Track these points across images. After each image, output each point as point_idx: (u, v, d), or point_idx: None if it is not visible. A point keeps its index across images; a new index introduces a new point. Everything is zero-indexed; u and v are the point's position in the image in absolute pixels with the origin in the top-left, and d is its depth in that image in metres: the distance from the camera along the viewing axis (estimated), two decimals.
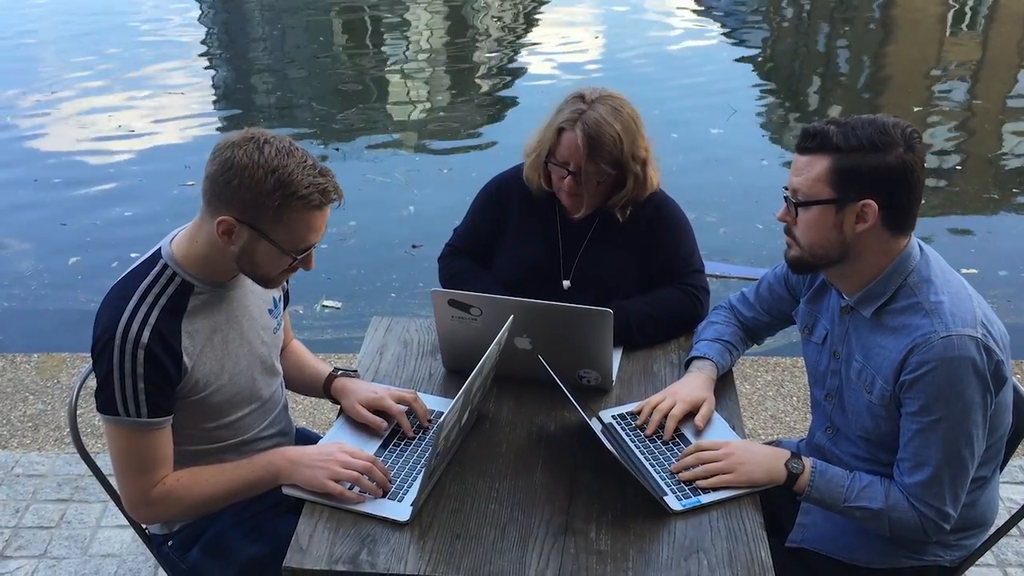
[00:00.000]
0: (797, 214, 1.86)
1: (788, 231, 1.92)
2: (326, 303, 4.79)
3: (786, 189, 1.90)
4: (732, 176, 6.14)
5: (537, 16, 11.01)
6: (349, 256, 5.24)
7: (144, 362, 1.79)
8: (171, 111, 7.69)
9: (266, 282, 1.93)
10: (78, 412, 2.14)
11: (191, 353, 1.87)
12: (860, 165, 1.77)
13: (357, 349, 2.38)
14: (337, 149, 6.83)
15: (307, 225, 1.82)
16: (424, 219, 5.65)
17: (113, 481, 1.99)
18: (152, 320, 1.81)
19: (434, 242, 5.22)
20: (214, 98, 8.26)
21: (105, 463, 2.00)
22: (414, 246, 5.30)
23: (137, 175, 6.45)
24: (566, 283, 2.51)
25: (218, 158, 1.78)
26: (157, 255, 1.91)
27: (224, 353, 1.95)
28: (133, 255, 1.96)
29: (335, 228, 5.47)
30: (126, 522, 2.18)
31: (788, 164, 6.35)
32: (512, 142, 6.87)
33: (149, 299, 1.83)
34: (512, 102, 8.03)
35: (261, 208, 1.77)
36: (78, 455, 2.14)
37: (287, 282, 2.18)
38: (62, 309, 4.82)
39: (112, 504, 2.17)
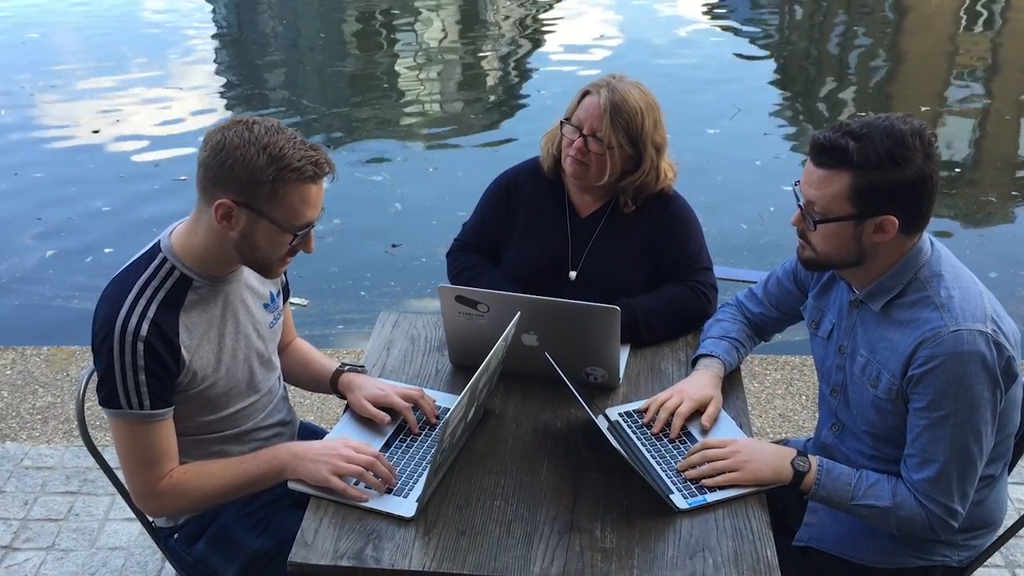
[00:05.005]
0: (815, 228, 1.84)
1: (802, 235, 1.91)
2: (292, 300, 4.77)
3: (796, 184, 1.88)
4: (721, 176, 6.14)
5: (545, 16, 10.96)
6: (326, 253, 5.22)
7: (144, 355, 1.79)
8: (176, 105, 7.72)
9: (267, 268, 1.93)
10: (86, 405, 2.13)
11: (188, 347, 1.87)
12: (880, 183, 1.74)
13: (318, 347, 2.39)
14: (328, 146, 6.83)
15: (302, 199, 1.82)
16: (409, 218, 5.66)
17: (120, 475, 1.99)
18: (151, 314, 1.81)
19: (416, 242, 5.26)
20: (213, 93, 8.25)
21: (113, 456, 2.00)
22: (394, 245, 5.29)
23: (141, 167, 6.47)
24: (573, 274, 2.50)
25: (209, 144, 1.79)
26: (156, 248, 1.91)
27: (220, 347, 1.95)
28: (107, 251, 1.98)
29: (319, 225, 5.43)
30: (134, 515, 2.18)
31: (782, 162, 6.39)
32: (506, 142, 6.89)
33: (148, 292, 1.83)
34: (511, 102, 8.02)
35: (256, 185, 1.77)
36: (86, 448, 2.15)
37: (285, 274, 2.18)
38: (26, 304, 4.86)
39: (120, 497, 2.18)
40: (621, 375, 2.24)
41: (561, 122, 2.42)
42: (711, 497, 1.88)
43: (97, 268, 5.05)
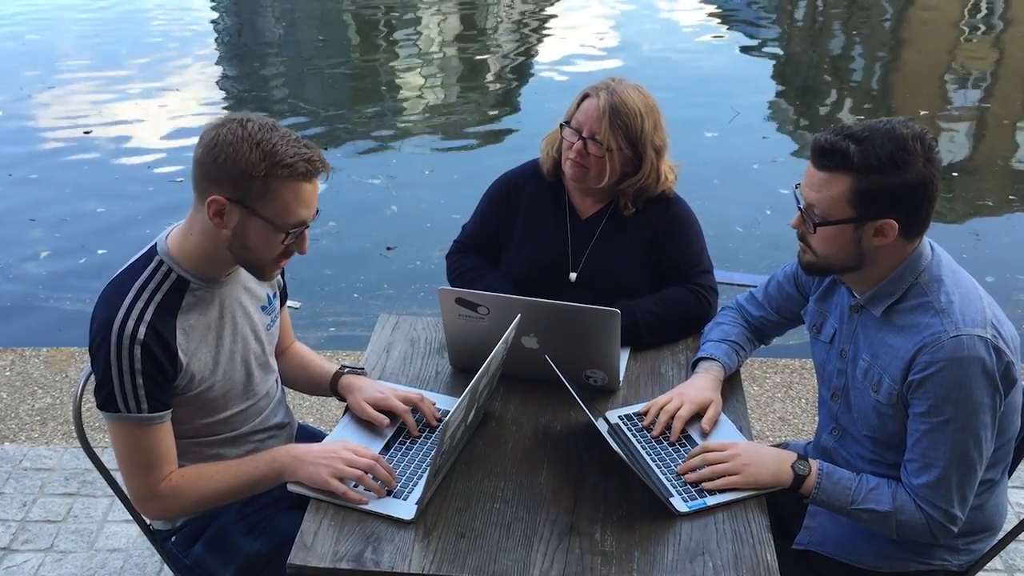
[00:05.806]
0: (815, 230, 1.84)
1: (802, 238, 1.91)
2: (287, 303, 4.78)
3: (797, 187, 1.88)
4: (719, 179, 6.13)
5: (545, 19, 10.95)
6: (321, 256, 5.20)
7: (141, 358, 1.79)
8: (172, 107, 7.70)
9: (260, 269, 1.91)
10: (85, 407, 2.13)
11: (186, 349, 1.87)
12: (881, 186, 1.74)
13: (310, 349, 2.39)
14: (325, 148, 6.82)
15: (295, 196, 1.80)
16: (405, 221, 5.65)
17: (118, 476, 1.99)
18: (148, 317, 1.81)
19: (411, 244, 5.25)
20: (211, 94, 8.23)
21: (110, 458, 2.00)
22: (389, 248, 5.29)
23: (140, 170, 6.47)
24: (573, 276, 2.50)
25: (203, 141, 1.79)
26: (153, 251, 1.90)
27: (218, 349, 1.95)
28: (101, 252, 1.97)
29: (316, 228, 5.42)
30: (132, 517, 2.18)
31: (780, 165, 6.38)
32: (504, 145, 6.86)
33: (145, 296, 1.83)
34: (510, 105, 8.01)
35: (248, 181, 1.76)
36: (83, 450, 2.14)
37: (282, 277, 2.18)
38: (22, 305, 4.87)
39: (119, 499, 2.18)
40: (621, 378, 2.24)
41: (561, 125, 2.42)
42: (711, 500, 1.87)
43: (91, 269, 5.05)
